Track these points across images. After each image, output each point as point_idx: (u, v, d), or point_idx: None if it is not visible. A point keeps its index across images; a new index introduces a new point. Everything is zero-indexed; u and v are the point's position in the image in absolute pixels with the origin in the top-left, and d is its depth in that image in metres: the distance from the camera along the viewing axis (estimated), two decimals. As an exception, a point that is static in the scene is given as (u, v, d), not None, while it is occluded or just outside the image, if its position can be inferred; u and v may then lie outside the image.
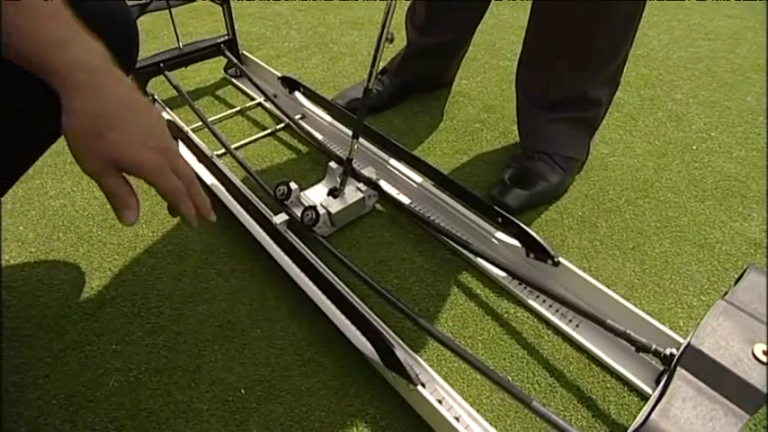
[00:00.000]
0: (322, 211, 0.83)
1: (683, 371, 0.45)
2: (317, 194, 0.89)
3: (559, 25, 0.87)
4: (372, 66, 0.77)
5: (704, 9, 1.79)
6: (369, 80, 0.79)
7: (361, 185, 0.89)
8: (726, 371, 0.43)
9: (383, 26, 0.72)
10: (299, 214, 0.83)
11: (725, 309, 0.48)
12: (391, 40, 0.73)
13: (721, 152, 1.09)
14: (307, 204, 0.85)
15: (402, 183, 0.96)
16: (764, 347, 0.44)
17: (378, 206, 0.95)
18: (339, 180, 0.87)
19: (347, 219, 0.89)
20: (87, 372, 0.68)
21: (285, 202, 0.85)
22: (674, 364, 0.47)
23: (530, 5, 0.89)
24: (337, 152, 1.01)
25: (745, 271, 0.53)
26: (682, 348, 0.48)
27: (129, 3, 1.02)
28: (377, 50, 0.75)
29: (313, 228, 0.82)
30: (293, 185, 0.86)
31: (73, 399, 0.65)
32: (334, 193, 0.87)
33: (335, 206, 0.85)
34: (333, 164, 0.92)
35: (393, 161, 0.98)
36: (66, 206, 0.94)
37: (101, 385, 0.67)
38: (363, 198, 0.88)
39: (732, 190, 0.99)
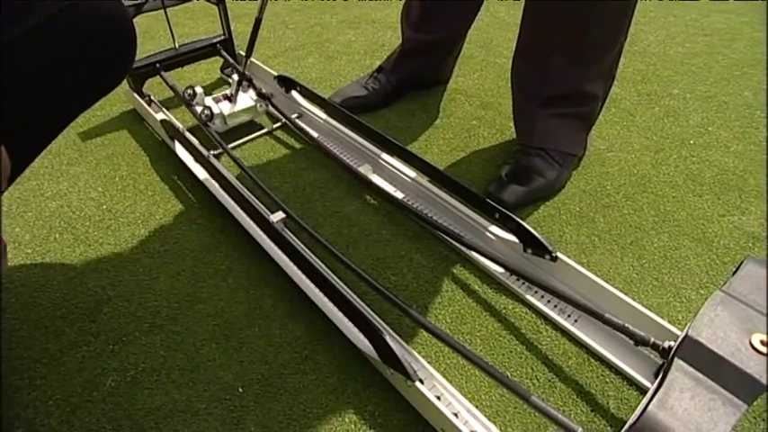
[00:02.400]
0: (216, 111, 1.06)
1: (681, 362, 0.44)
2: (215, 102, 1.08)
3: (553, 20, 0.87)
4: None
5: (700, 5, 1.79)
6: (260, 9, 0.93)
7: (251, 93, 1.11)
8: (723, 361, 0.43)
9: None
10: (198, 112, 1.04)
11: (722, 299, 0.48)
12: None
13: (719, 147, 1.09)
14: (206, 104, 1.06)
15: (399, 180, 0.96)
16: (762, 337, 0.44)
17: (373, 201, 0.94)
18: (235, 89, 1.07)
19: (238, 119, 1.11)
20: (84, 372, 0.68)
21: (191, 103, 1.07)
22: (671, 355, 0.47)
23: (524, 2, 0.89)
24: (335, 151, 1.01)
25: (742, 262, 0.53)
26: (679, 339, 0.47)
27: (125, 3, 1.02)
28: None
29: (208, 123, 1.04)
30: (198, 89, 1.07)
31: (70, 399, 0.65)
32: (229, 98, 1.08)
33: (229, 109, 1.07)
34: (235, 76, 1.09)
35: (390, 158, 0.98)
36: (62, 207, 0.94)
37: (98, 385, 0.66)
38: (255, 105, 1.10)
39: (730, 184, 0.99)
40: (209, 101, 1.08)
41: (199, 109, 1.05)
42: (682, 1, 1.82)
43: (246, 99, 1.10)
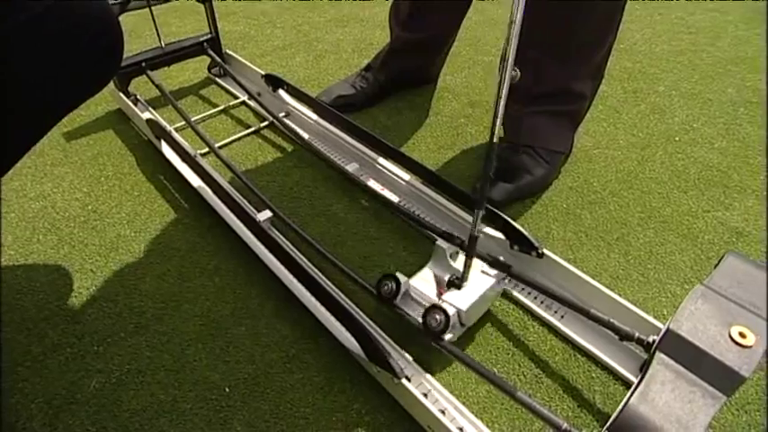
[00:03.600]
0: (452, 311, 0.61)
1: (662, 355, 0.45)
2: (428, 285, 0.68)
3: (541, 19, 0.87)
4: None
5: (685, 3, 1.81)
6: None
7: (484, 266, 0.69)
8: (703, 353, 0.43)
9: None
10: (415, 315, 0.64)
11: (703, 293, 0.49)
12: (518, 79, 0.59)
13: (703, 143, 1.10)
14: (426, 302, 0.65)
15: (387, 178, 0.96)
16: (741, 330, 0.45)
17: (361, 200, 0.94)
18: (451, 261, 0.69)
19: (478, 314, 0.69)
20: (68, 374, 0.67)
21: (395, 303, 0.66)
22: (653, 349, 0.47)
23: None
24: (322, 150, 1.00)
25: (723, 256, 0.54)
26: (661, 333, 0.48)
27: (109, 1, 1.01)
28: None
29: (442, 335, 0.61)
30: (401, 277, 0.65)
31: (53, 402, 0.64)
32: (455, 282, 0.66)
33: (463, 300, 0.64)
34: (442, 242, 0.71)
35: (378, 157, 0.98)
36: (46, 208, 0.93)
37: (82, 387, 0.66)
38: (493, 284, 0.67)
39: (714, 180, 1.00)
40: (421, 293, 0.67)
41: (418, 313, 0.64)
42: (667, 0, 1.84)
43: (479, 277, 0.68)
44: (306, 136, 1.06)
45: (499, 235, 0.79)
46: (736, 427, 0.61)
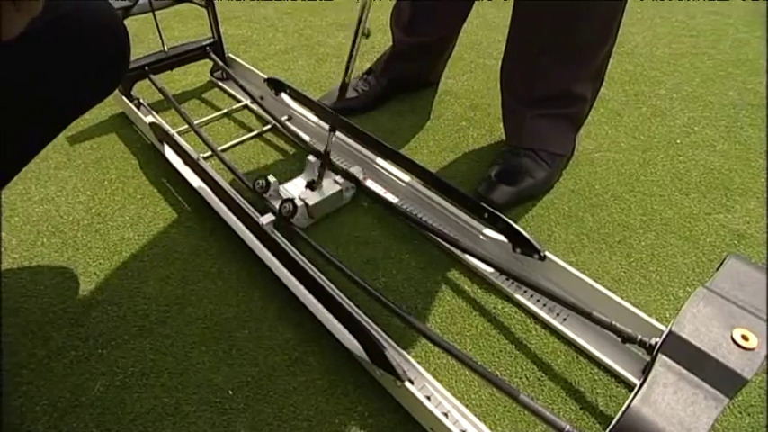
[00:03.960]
0: (300, 203, 0.85)
1: (665, 357, 0.45)
2: (295, 187, 0.92)
3: (541, 22, 0.88)
4: (349, 60, 0.80)
5: (686, 6, 1.81)
6: (345, 73, 0.81)
7: (338, 178, 0.91)
8: (705, 356, 0.44)
9: (359, 22, 0.75)
10: (277, 206, 0.85)
11: (705, 295, 0.49)
12: (367, 36, 0.75)
13: (705, 146, 1.11)
14: (285, 197, 0.86)
15: (389, 181, 0.96)
16: (743, 332, 0.45)
17: (363, 203, 0.95)
18: (317, 173, 0.89)
19: (325, 210, 0.91)
20: (72, 377, 0.67)
21: (264, 195, 0.87)
22: (655, 351, 0.47)
23: (513, 3, 0.90)
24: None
25: (724, 259, 0.54)
26: (663, 336, 0.48)
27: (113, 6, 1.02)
28: (353, 47, 0.78)
29: (291, 219, 0.83)
30: (272, 179, 0.88)
31: (57, 405, 0.64)
32: (312, 185, 0.90)
33: (313, 198, 0.87)
34: (311, 157, 0.94)
35: (379, 160, 0.98)
36: (50, 211, 0.93)
37: (86, 390, 0.66)
38: (341, 190, 0.90)
39: (715, 183, 1.00)
40: (286, 191, 0.91)
41: (276, 203, 0.86)
42: (668, 1, 1.84)
43: (330, 184, 0.91)
44: (308, 139, 1.06)
45: (501, 238, 0.79)
46: (739, 429, 0.61)
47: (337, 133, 1.05)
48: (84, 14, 0.53)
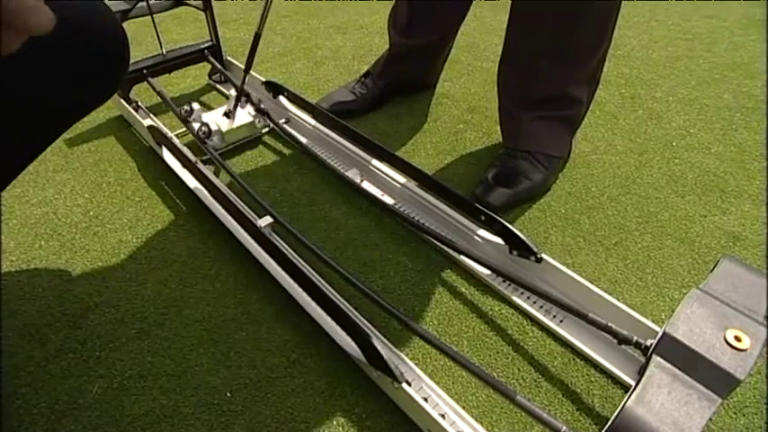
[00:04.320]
0: (214, 128, 1.04)
1: (659, 358, 0.45)
2: (215, 115, 1.08)
3: (538, 24, 0.89)
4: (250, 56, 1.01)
5: (682, 9, 1.83)
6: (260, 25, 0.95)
7: (252, 110, 1.10)
8: (699, 356, 0.44)
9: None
10: (196, 128, 1.01)
11: (699, 297, 0.49)
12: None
13: (700, 148, 1.11)
14: (203, 121, 1.03)
15: (386, 184, 0.97)
16: (736, 333, 0.45)
17: (360, 206, 0.95)
18: (233, 104, 1.06)
19: (237, 136, 1.09)
20: (70, 379, 0.68)
21: (188, 120, 1.03)
22: (650, 352, 0.48)
23: (509, 5, 0.91)
24: (322, 156, 1.01)
25: (719, 260, 0.54)
26: (657, 337, 0.48)
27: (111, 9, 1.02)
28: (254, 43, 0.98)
29: (206, 140, 1.01)
30: (195, 105, 1.05)
31: (56, 407, 0.64)
32: (228, 114, 1.07)
33: (227, 125, 1.06)
34: (232, 91, 1.09)
35: (377, 162, 0.98)
36: (48, 214, 0.93)
37: (84, 392, 0.66)
38: (253, 122, 1.09)
39: (711, 185, 1.01)
40: (206, 117, 1.06)
41: (196, 126, 1.02)
42: (663, 0, 1.85)
43: (245, 115, 1.09)
44: (306, 142, 1.07)
45: (498, 240, 0.80)
46: (734, 429, 0.62)
47: (335, 136, 1.06)
48: (82, 18, 0.53)
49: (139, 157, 1.08)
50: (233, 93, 1.09)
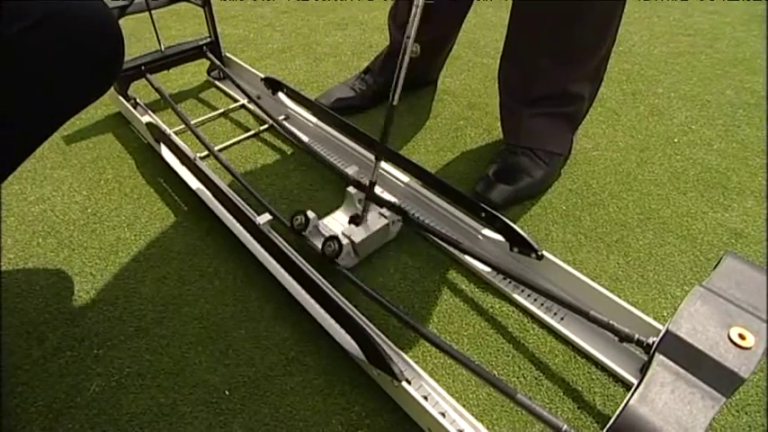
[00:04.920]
0: (345, 241, 0.75)
1: (662, 356, 0.45)
2: (336, 223, 0.83)
3: (540, 21, 0.88)
4: None
5: (684, 5, 1.81)
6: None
7: (384, 211, 0.81)
8: (703, 355, 0.43)
9: None
10: (318, 245, 0.77)
11: (702, 294, 0.49)
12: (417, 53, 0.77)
13: (702, 145, 1.11)
14: (327, 234, 0.78)
15: (386, 180, 0.96)
16: (740, 331, 0.45)
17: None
18: (361, 206, 0.81)
19: (371, 248, 0.82)
20: (68, 378, 0.67)
21: (303, 233, 0.79)
22: (653, 350, 0.47)
23: (511, 3, 0.90)
24: (322, 152, 1.01)
25: (722, 257, 0.54)
26: (660, 335, 0.48)
27: (109, 5, 1.01)
28: None
29: (336, 259, 0.75)
30: (311, 214, 0.79)
31: (53, 405, 0.64)
32: (355, 220, 0.80)
33: (359, 234, 0.77)
34: (351, 189, 0.84)
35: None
36: (45, 211, 0.93)
37: (82, 391, 0.66)
38: (388, 224, 0.81)
39: (713, 182, 1.00)
40: (326, 226, 0.83)
41: (318, 242, 0.78)
42: (666, 0, 1.84)
43: (375, 218, 0.81)
44: (305, 139, 1.06)
45: (498, 237, 0.79)
46: (737, 428, 0.61)
47: (334, 132, 1.05)
48: (76, 13, 0.53)
49: (138, 154, 1.08)
50: (352, 190, 0.84)
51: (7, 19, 0.47)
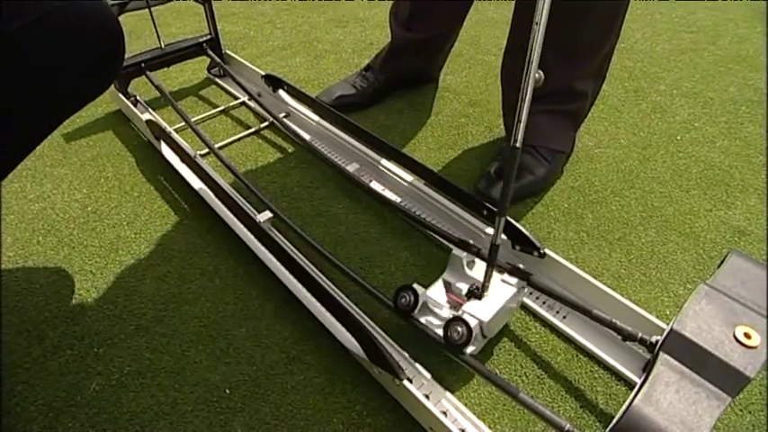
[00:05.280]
0: (473, 323, 0.59)
1: (666, 356, 0.44)
2: (443, 295, 0.67)
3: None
4: None
5: (686, 2, 1.80)
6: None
7: (505, 276, 0.66)
8: (708, 354, 0.43)
9: None
10: (434, 328, 0.62)
11: (707, 293, 0.48)
12: None
13: (705, 142, 1.10)
14: (446, 314, 0.63)
15: (387, 178, 0.95)
16: (746, 330, 0.44)
17: (361, 201, 0.94)
18: (478, 272, 0.66)
19: (499, 326, 0.67)
20: (68, 376, 0.67)
21: (413, 315, 0.64)
22: (657, 349, 0.47)
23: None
24: (323, 150, 1.00)
25: (726, 255, 0.53)
26: (665, 334, 0.47)
27: (108, 2, 1.01)
28: None
29: (464, 348, 0.59)
30: (419, 289, 0.64)
31: (53, 404, 0.64)
32: (475, 292, 0.64)
33: (485, 312, 0.61)
34: (458, 251, 0.69)
35: (378, 157, 0.97)
36: (45, 209, 0.92)
37: (82, 389, 0.65)
38: (514, 294, 0.65)
39: (716, 179, 0.99)
40: (439, 305, 0.66)
41: (437, 325, 0.62)
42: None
43: (500, 287, 0.65)
44: (306, 136, 1.05)
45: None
46: (740, 427, 0.61)
47: (335, 130, 1.05)
48: (77, 10, 0.52)
49: (138, 151, 1.07)
50: (458, 252, 0.69)
51: (8, 16, 0.47)
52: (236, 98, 1.24)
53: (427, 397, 0.58)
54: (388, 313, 0.73)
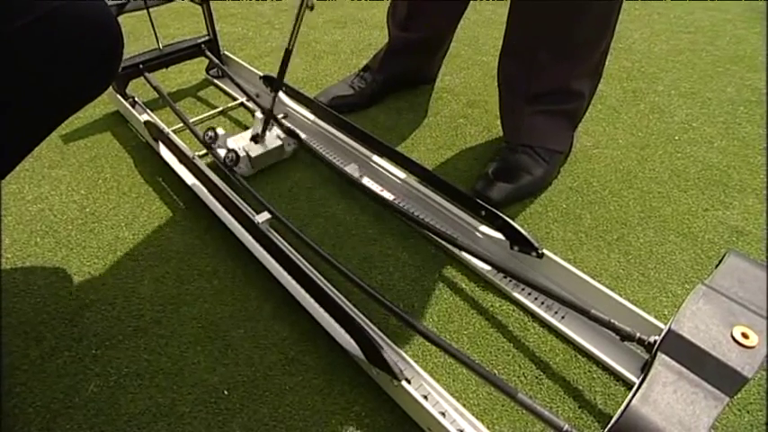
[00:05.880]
0: (242, 154, 0.95)
1: (664, 356, 0.44)
2: (241, 140, 0.99)
3: (539, 17, 0.87)
4: (294, 31, 0.84)
5: (684, 2, 1.81)
6: (290, 42, 0.85)
7: (281, 133, 1.00)
8: (705, 354, 0.43)
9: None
10: (221, 155, 0.93)
11: (704, 293, 0.48)
12: (311, 8, 0.80)
13: (703, 142, 1.10)
14: (230, 147, 0.95)
15: (386, 179, 0.95)
16: (743, 330, 0.44)
17: (360, 201, 0.94)
18: (261, 128, 0.97)
19: (266, 162, 1.00)
20: (66, 378, 0.67)
21: (212, 146, 0.96)
22: (655, 349, 0.47)
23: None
24: (321, 150, 1.00)
25: (724, 255, 0.53)
26: (663, 334, 0.47)
27: (107, 3, 1.00)
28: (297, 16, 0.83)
29: (234, 168, 0.92)
30: (220, 131, 0.97)
31: (51, 406, 0.64)
32: (255, 138, 0.98)
33: (255, 150, 0.97)
34: (258, 113, 1.00)
35: (376, 157, 0.97)
36: (43, 211, 0.92)
37: (80, 391, 0.65)
38: (282, 145, 0.99)
39: (714, 179, 1.00)
40: (232, 142, 0.98)
41: (222, 152, 0.94)
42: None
43: (273, 138, 1.00)
44: (304, 137, 1.05)
45: (499, 235, 0.79)
46: (738, 427, 0.61)
47: (333, 130, 1.05)
48: (76, 10, 0.52)
49: (136, 152, 1.07)
50: (258, 115, 1.00)
51: (7, 16, 0.47)
52: (235, 99, 1.24)
53: (425, 398, 0.58)
54: (387, 314, 0.73)
